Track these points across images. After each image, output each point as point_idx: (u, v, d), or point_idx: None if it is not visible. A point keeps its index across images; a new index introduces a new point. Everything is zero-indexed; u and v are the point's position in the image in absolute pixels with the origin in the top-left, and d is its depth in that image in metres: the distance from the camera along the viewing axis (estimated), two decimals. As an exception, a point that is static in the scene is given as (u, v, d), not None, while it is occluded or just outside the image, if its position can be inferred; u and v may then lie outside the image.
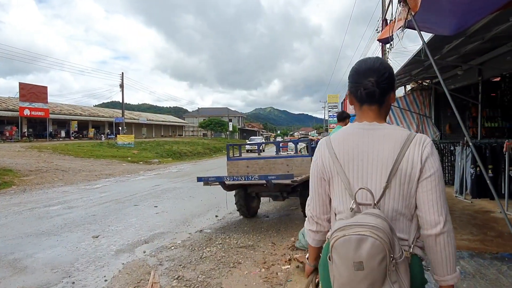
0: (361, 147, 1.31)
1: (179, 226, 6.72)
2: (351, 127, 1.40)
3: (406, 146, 1.26)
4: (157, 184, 12.82)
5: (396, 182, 1.25)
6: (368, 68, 1.36)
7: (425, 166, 1.24)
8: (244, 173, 6.81)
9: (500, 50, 6.99)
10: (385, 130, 1.32)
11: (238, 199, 6.82)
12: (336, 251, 1.14)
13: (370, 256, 1.07)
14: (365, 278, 1.08)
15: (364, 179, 1.29)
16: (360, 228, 1.10)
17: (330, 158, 1.36)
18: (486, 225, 5.60)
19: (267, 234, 5.87)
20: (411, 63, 6.90)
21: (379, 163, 1.27)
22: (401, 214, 1.28)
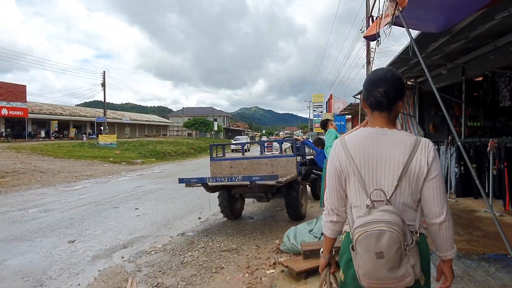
0: (375, 151, 1.52)
1: (160, 229, 6.48)
2: (366, 131, 1.58)
3: (414, 151, 1.48)
4: (139, 185, 12.49)
5: (405, 181, 1.48)
6: (379, 79, 1.56)
7: (430, 169, 1.48)
8: (227, 173, 6.62)
9: (484, 49, 7.00)
10: (395, 136, 1.53)
11: (222, 200, 6.63)
12: (359, 244, 1.38)
13: (388, 247, 1.33)
14: (386, 264, 1.34)
15: (378, 179, 1.51)
16: (379, 224, 1.35)
17: (347, 160, 1.56)
18: (472, 224, 5.56)
19: (251, 237, 5.70)
20: (397, 62, 6.84)
21: (391, 165, 1.49)
22: (409, 206, 1.52)
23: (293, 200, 6.21)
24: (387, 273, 1.36)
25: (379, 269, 1.36)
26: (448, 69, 8.33)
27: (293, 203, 6.22)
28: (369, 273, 1.39)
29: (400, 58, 6.25)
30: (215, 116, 77.50)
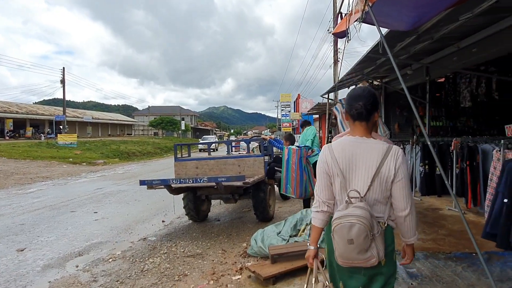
0: (355, 156, 1.85)
1: (120, 234, 6.10)
2: (348, 139, 1.90)
3: (385, 157, 1.81)
4: (99, 187, 11.87)
5: (377, 181, 1.82)
6: (358, 95, 1.91)
7: (398, 173, 1.82)
8: (193, 174, 6.34)
9: (447, 50, 7.15)
10: (371, 144, 1.85)
11: (187, 202, 6.34)
12: (336, 232, 1.76)
13: (357, 235, 1.69)
14: (355, 248, 1.72)
15: (356, 179, 1.84)
16: (351, 218, 1.71)
17: (332, 162, 1.88)
18: (437, 223, 5.62)
19: (217, 240, 5.45)
20: (364, 61, 6.83)
21: (366, 168, 1.83)
22: (379, 202, 1.86)
23: (260, 201, 6.03)
24: (356, 255, 1.75)
25: (350, 252, 1.75)
26: (413, 69, 8.47)
27: (260, 204, 6.04)
28: (343, 254, 1.78)
29: (368, 57, 6.22)
30: (183, 115, 76.23)
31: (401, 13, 3.67)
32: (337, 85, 9.99)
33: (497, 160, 5.13)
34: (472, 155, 6.11)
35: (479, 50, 6.39)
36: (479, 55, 6.41)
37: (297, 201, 8.15)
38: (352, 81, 10.18)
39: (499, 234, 3.21)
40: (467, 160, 6.13)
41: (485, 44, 6.16)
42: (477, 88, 9.48)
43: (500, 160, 4.96)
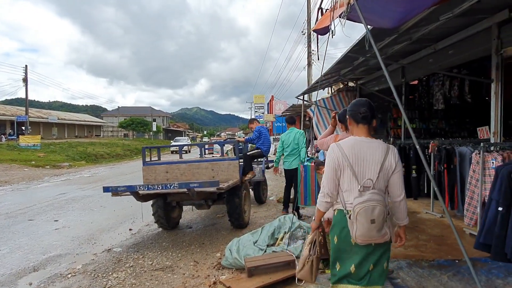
0: (362, 152, 2.23)
1: (82, 245, 5.60)
2: (354, 139, 2.29)
3: (387, 154, 2.24)
4: (62, 192, 11.12)
5: (382, 173, 2.21)
6: (362, 103, 2.37)
7: (396, 166, 2.25)
8: (162, 180, 5.92)
9: (423, 52, 7.10)
10: (374, 143, 2.28)
11: (156, 209, 5.92)
12: (360, 214, 2.10)
13: (378, 216, 2.10)
14: (376, 227, 2.11)
15: (365, 171, 2.21)
16: (372, 202, 2.11)
17: (343, 158, 2.23)
18: (416, 227, 5.49)
19: (189, 250, 5.07)
20: (342, 62, 6.65)
21: (373, 162, 2.21)
22: (382, 191, 2.24)
23: (235, 207, 5.70)
24: (376, 233, 2.11)
25: (371, 230, 2.09)
26: (389, 71, 8.39)
27: (235, 210, 5.71)
28: (365, 233, 2.10)
29: (346, 57, 6.05)
30: (154, 116, 74.53)
31: (386, 8, 3.47)
32: (313, 86, 9.81)
33: (476, 163, 5.06)
34: (450, 158, 6.05)
35: (455, 52, 6.35)
36: (455, 57, 6.38)
37: (273, 206, 7.89)
38: (328, 82, 10.05)
39: (493, 244, 3.04)
40: (444, 163, 6.07)
41: (461, 46, 6.12)
42: (450, 90, 9.57)
43: (480, 163, 4.89)
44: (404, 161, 7.50)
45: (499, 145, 4.89)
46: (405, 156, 7.53)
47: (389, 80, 3.20)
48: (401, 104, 3.28)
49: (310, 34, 22.26)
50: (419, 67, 7.62)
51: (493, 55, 5.20)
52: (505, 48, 5.03)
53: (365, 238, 2.14)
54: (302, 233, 4.24)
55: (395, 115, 11.80)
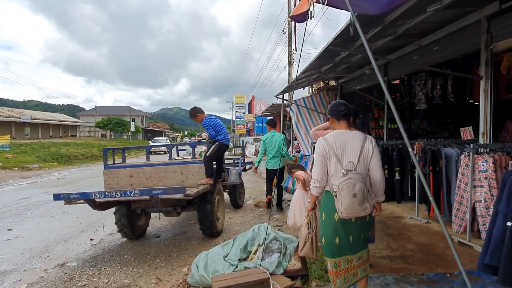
0: (344, 142, 2.69)
1: (33, 260, 4.96)
2: (337, 132, 2.78)
3: (365, 142, 2.72)
4: (25, 197, 10.31)
5: (361, 158, 2.67)
6: (340, 103, 2.95)
7: (373, 151, 2.70)
8: (126, 185, 5.35)
9: (407, 48, 6.77)
10: (354, 134, 2.76)
11: (119, 217, 5.34)
12: (344, 190, 2.52)
13: (359, 190, 2.52)
14: (357, 201, 2.52)
15: (348, 157, 2.66)
16: (353, 179, 2.53)
17: (328, 148, 2.68)
18: (401, 234, 5.12)
19: (153, 265, 4.52)
20: (322, 57, 6.23)
21: (353, 150, 2.67)
22: (364, 174, 2.68)
23: (207, 214, 5.19)
24: (358, 206, 2.55)
25: (353, 203, 2.53)
26: (371, 69, 8.05)
27: (207, 218, 5.20)
28: (348, 207, 2.54)
29: (328, 51, 5.62)
30: (133, 116, 72.79)
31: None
32: (291, 85, 9.39)
33: (465, 166, 4.71)
34: (435, 159, 5.71)
35: (440, 48, 6.03)
36: (440, 53, 6.06)
37: (250, 211, 7.41)
38: (309, 80, 9.64)
39: (501, 266, 2.63)
40: (430, 165, 5.72)
41: (447, 42, 5.80)
42: (432, 90, 9.32)
43: (469, 166, 4.54)
44: (387, 163, 7.15)
45: (489, 147, 4.56)
46: (388, 157, 7.17)
47: (378, 74, 2.79)
48: (392, 103, 2.87)
49: (291, 33, 21.97)
50: (403, 64, 7.30)
51: (482, 50, 4.87)
52: (495, 42, 4.71)
53: (349, 212, 2.56)
54: (278, 246, 3.77)
55: (376, 115, 11.52)
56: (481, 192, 4.39)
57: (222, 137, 5.76)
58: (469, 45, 5.29)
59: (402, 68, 7.50)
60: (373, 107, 11.47)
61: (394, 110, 2.78)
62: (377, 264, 3.97)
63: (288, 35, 21.99)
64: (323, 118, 10.77)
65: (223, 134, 5.78)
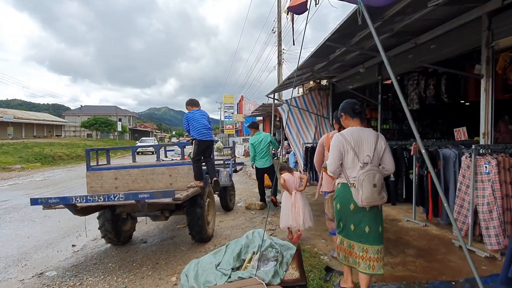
0: (360, 138, 2.94)
1: (9, 268, 4.61)
2: (353, 129, 3.02)
3: (378, 138, 2.96)
4: (4, 200, 9.82)
5: (375, 153, 2.90)
6: (354, 102, 3.18)
7: (386, 147, 2.95)
8: (110, 188, 5.04)
9: (402, 47, 6.60)
10: (368, 131, 3.00)
11: (103, 222, 5.03)
12: (364, 181, 2.73)
13: (378, 181, 2.76)
14: (377, 191, 2.75)
15: (364, 152, 2.90)
16: (373, 171, 2.77)
17: (345, 143, 2.92)
18: (400, 239, 4.92)
19: (139, 273, 4.22)
20: (317, 55, 6.00)
21: (369, 145, 2.92)
22: (377, 166, 2.91)
23: (197, 218, 4.91)
24: (377, 195, 2.78)
25: (373, 193, 2.75)
26: (366, 67, 7.87)
27: (197, 222, 4.92)
28: (369, 196, 2.74)
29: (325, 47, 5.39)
30: (120, 115, 71.64)
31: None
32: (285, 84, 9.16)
33: (466, 167, 4.54)
34: (433, 161, 5.54)
35: (437, 47, 5.88)
36: (437, 52, 5.91)
37: (241, 214, 7.15)
38: (301, 79, 9.42)
39: None
40: (427, 166, 5.54)
41: (445, 40, 5.65)
42: (426, 90, 9.21)
43: (471, 168, 4.38)
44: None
45: (491, 148, 4.40)
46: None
47: (388, 67, 2.56)
48: (404, 101, 2.67)
49: (281, 33, 21.79)
50: (398, 63, 7.13)
51: (483, 48, 4.71)
52: (496, 40, 4.55)
53: (369, 201, 2.77)
54: (274, 254, 3.52)
55: (368, 115, 11.39)
56: (484, 195, 4.22)
57: (195, 132, 5.29)
58: (469, 43, 5.14)
59: (397, 67, 7.32)
60: (365, 107, 11.32)
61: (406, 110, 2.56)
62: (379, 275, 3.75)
63: (278, 35, 21.83)
64: (315, 118, 10.58)
65: (196, 130, 5.28)
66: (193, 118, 5.35)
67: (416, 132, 2.58)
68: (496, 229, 4.08)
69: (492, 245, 4.11)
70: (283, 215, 4.86)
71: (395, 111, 11.35)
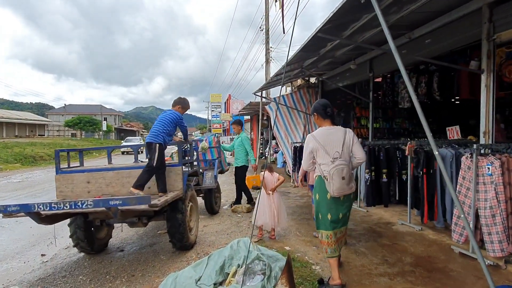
0: (330, 136, 3.32)
1: (-35, 283, 4.15)
2: (322, 129, 3.43)
3: (345, 133, 3.34)
4: (-25, 203, 9.22)
5: (345, 148, 3.28)
6: (327, 104, 3.52)
7: (353, 140, 3.34)
8: (82, 192, 4.60)
9: (396, 42, 6.30)
10: (337, 128, 3.40)
11: (75, 230, 4.59)
12: (334, 174, 3.13)
13: (346, 173, 3.16)
14: (345, 182, 3.16)
15: (333, 148, 3.27)
16: (341, 165, 3.16)
17: (315, 142, 3.32)
18: (396, 245, 4.62)
19: (113, 287, 3.81)
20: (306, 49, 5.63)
21: (338, 141, 3.29)
22: (347, 159, 3.29)
23: (178, 225, 4.51)
24: (346, 186, 3.17)
25: (342, 184, 3.14)
26: (357, 64, 7.57)
27: (178, 229, 4.52)
28: (339, 188, 3.14)
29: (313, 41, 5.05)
30: (105, 114, 70.30)
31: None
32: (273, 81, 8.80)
33: (467, 168, 4.24)
34: (429, 161, 5.25)
35: (433, 41, 5.61)
36: (433, 46, 5.63)
37: (227, 217, 6.77)
38: (289, 76, 9.08)
39: None
40: (423, 167, 5.26)
41: (442, 34, 5.38)
42: (417, 88, 8.97)
43: (472, 169, 4.09)
44: (374, 164, 6.68)
45: (493, 147, 4.12)
46: (375, 158, 6.70)
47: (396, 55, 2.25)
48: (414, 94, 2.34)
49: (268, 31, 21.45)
50: (390, 59, 6.84)
51: (483, 41, 4.43)
52: (498, 32, 4.28)
53: (340, 191, 3.17)
54: (261, 267, 3.15)
55: (358, 113, 11.13)
56: (486, 198, 3.93)
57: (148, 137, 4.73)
58: (468, 36, 4.86)
59: (389, 63, 7.05)
60: (355, 105, 11.07)
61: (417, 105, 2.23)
62: (376, 285, 3.43)
63: (266, 32, 21.49)
64: (304, 117, 10.25)
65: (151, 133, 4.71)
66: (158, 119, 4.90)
67: (428, 131, 2.25)
68: (500, 235, 3.79)
69: (495, 252, 3.82)
70: (260, 214, 4.83)
71: (385, 110, 11.12)
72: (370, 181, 6.66)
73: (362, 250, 4.42)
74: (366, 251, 4.35)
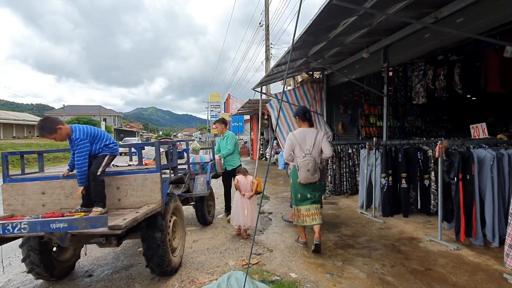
0: (305, 136, 4.38)
1: None
2: (300, 129, 4.48)
3: (317, 134, 4.41)
4: None
5: (315, 146, 4.33)
6: (306, 110, 4.63)
7: (323, 139, 4.39)
8: (36, 206, 3.68)
9: (416, 25, 5.39)
10: (312, 130, 4.48)
11: (28, 253, 3.67)
12: (302, 166, 4.27)
13: (312, 167, 4.25)
14: (310, 172, 4.25)
15: (306, 146, 4.33)
16: (308, 160, 4.26)
17: (294, 139, 4.38)
18: (429, 270, 3.67)
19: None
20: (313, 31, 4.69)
21: (310, 140, 4.35)
22: (316, 156, 4.34)
23: (156, 246, 3.59)
24: (311, 176, 4.23)
25: (308, 175, 4.22)
26: (370, 52, 6.62)
27: (156, 251, 3.60)
28: (305, 177, 4.23)
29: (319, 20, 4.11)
30: (104, 115, 69.40)
31: None
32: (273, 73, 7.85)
33: (524, 175, 3.32)
34: (466, 165, 4.30)
35: (466, 20, 4.66)
36: (466, 27, 4.68)
37: (221, 229, 5.87)
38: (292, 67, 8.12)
39: None
40: (458, 171, 4.31)
41: (480, 9, 4.42)
42: (434, 81, 8.04)
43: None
44: (391, 167, 5.76)
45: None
46: (393, 161, 5.78)
47: None
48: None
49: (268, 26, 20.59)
50: (409, 46, 5.90)
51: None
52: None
53: (305, 180, 4.25)
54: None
55: (367, 111, 10.20)
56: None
57: None
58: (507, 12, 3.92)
59: (407, 50, 6.09)
60: (363, 102, 10.14)
61: None
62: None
63: (266, 28, 20.64)
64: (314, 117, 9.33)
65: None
66: None
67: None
68: None
69: None
70: (234, 214, 5.30)
71: (395, 107, 10.19)
72: (387, 186, 5.74)
73: (389, 279, 3.48)
74: (395, 282, 3.40)
